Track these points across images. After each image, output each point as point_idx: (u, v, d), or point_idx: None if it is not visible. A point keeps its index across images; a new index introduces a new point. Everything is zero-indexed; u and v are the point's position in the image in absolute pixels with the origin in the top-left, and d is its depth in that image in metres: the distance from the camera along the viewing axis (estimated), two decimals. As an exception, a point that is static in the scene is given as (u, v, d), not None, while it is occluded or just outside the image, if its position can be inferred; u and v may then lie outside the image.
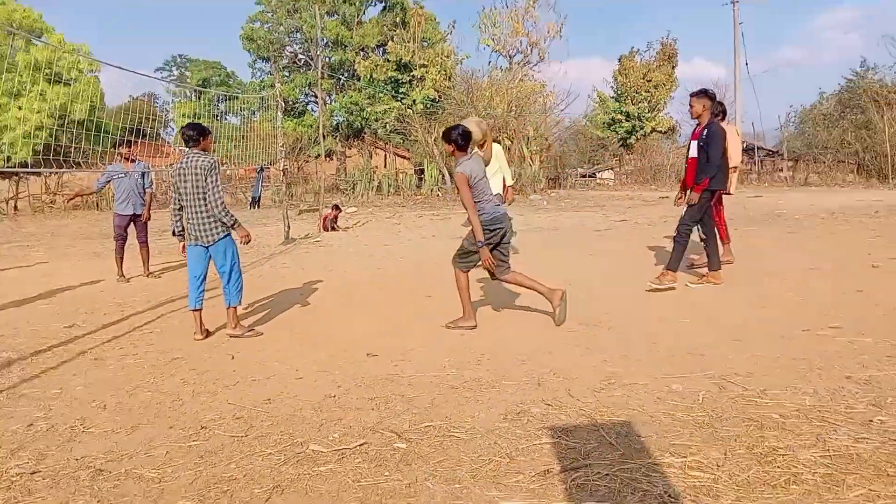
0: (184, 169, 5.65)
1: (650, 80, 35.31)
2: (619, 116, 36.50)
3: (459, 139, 5.56)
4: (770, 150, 36.22)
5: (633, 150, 35.82)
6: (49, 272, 9.77)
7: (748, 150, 32.22)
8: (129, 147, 9.12)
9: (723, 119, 7.79)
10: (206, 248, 5.74)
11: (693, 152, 6.94)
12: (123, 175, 8.80)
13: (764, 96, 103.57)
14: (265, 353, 5.21)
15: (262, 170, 12.59)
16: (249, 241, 6.03)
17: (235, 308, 5.86)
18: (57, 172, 24.46)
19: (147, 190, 9.05)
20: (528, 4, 29.44)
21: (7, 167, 22.48)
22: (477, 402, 3.90)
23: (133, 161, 9.06)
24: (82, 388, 4.48)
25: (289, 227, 13.24)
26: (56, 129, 20.84)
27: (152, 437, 3.56)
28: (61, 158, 11.39)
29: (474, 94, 28.40)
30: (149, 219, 9.13)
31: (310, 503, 2.81)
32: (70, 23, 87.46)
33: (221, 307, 5.92)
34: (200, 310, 5.78)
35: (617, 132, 36.86)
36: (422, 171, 28.84)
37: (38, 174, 25.95)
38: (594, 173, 35.99)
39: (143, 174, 8.97)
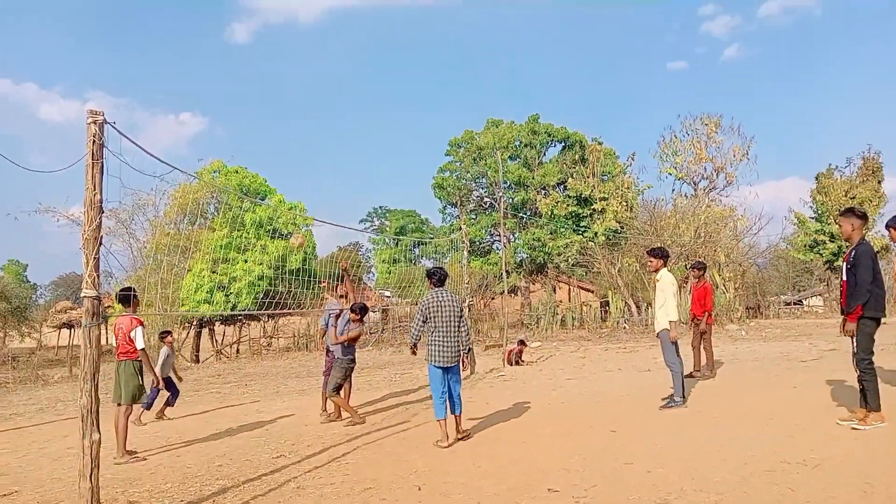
0: (443, 302, 6.91)
1: (854, 198, 32.65)
2: (823, 237, 33.90)
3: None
4: None
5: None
6: (262, 408, 10.79)
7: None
8: (344, 284, 9.92)
9: None
10: (447, 368, 6.90)
11: (846, 275, 6.37)
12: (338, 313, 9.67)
13: None
14: (450, 485, 5.34)
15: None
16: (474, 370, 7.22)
17: (460, 415, 7.05)
18: (274, 316, 27.42)
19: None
20: (709, 130, 29.14)
21: (233, 314, 25.63)
22: (662, 543, 3.69)
23: (347, 298, 9.82)
24: (285, 513, 4.87)
25: (474, 361, 13.59)
26: (274, 279, 23.53)
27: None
28: (279, 303, 12.85)
29: (658, 222, 28.04)
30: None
31: None
32: (288, 185, 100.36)
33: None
34: (446, 419, 6.82)
35: (821, 254, 34.11)
36: (607, 304, 28.43)
37: (258, 319, 29.24)
38: (800, 300, 33.20)
39: None
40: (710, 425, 6.90)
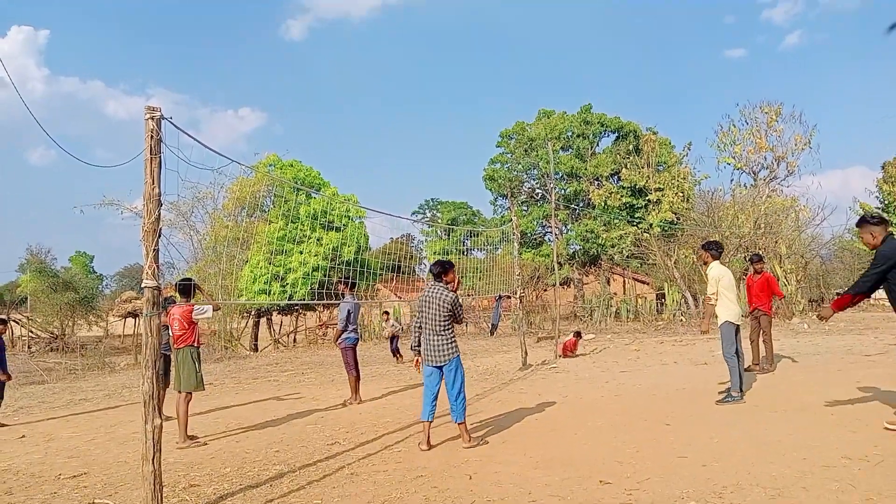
0: (429, 298, 6.57)
1: (923, 187, 31.13)
2: (891, 228, 32.42)
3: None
4: None
5: (913, 264, 31.14)
6: (318, 396, 11.03)
7: None
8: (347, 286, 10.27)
9: None
10: (440, 367, 6.58)
11: None
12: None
13: None
14: (501, 475, 5.36)
15: (500, 298, 13.44)
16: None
17: (464, 423, 6.58)
18: (328, 306, 27.90)
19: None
20: (769, 119, 28.21)
21: (289, 304, 26.17)
22: (716, 536, 3.65)
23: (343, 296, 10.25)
24: (339, 499, 4.99)
25: (526, 353, 13.57)
26: (328, 269, 23.92)
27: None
28: (333, 294, 13.10)
29: (716, 213, 27.34)
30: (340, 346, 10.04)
31: None
32: (341, 177, 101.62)
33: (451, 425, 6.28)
34: (430, 422, 6.56)
35: (890, 245, 32.62)
36: (662, 296, 27.91)
37: (314, 309, 29.79)
38: (867, 292, 31.82)
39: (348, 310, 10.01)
40: (767, 420, 6.75)
